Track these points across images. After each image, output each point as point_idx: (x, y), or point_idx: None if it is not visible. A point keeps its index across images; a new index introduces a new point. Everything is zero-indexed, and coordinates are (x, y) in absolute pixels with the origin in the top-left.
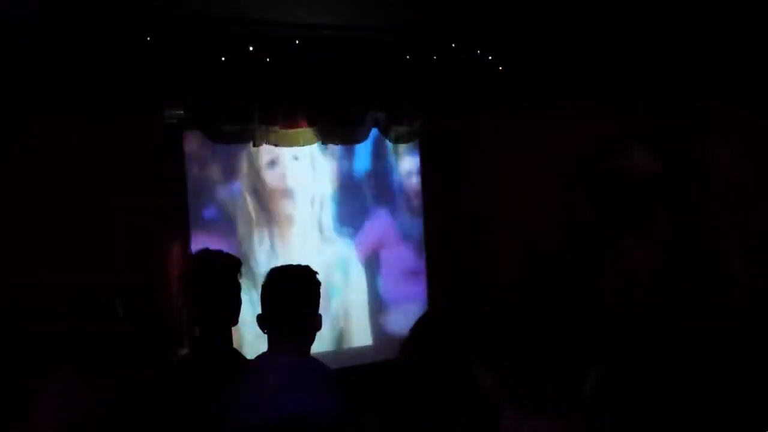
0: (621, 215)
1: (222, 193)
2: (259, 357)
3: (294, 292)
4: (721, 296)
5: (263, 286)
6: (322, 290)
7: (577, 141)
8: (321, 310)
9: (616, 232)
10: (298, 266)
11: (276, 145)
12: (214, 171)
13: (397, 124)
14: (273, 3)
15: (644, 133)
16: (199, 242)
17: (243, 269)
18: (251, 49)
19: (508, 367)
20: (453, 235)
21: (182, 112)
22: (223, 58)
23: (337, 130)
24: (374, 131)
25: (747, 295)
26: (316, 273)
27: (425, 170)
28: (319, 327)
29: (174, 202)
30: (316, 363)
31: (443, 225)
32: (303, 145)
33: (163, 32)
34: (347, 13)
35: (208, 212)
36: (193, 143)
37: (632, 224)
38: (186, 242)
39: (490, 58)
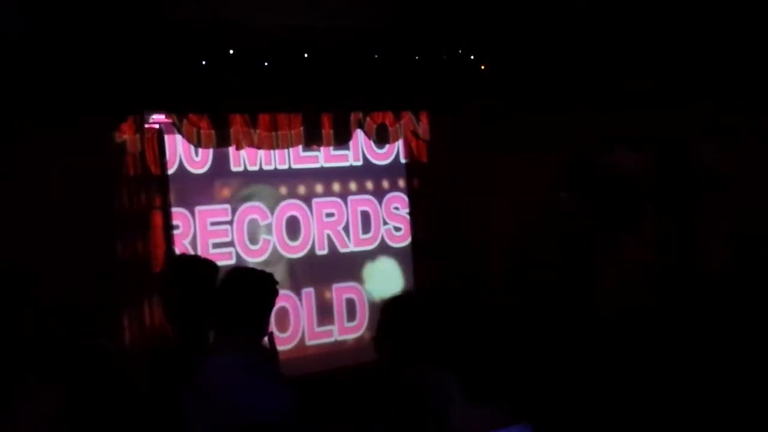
0: (613, 215)
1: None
2: (204, 355)
3: (250, 296)
4: (711, 294)
5: (223, 283)
6: None
7: (567, 140)
8: None
9: (608, 232)
10: (257, 271)
11: (258, 148)
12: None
13: (380, 125)
14: (255, 5)
15: (636, 133)
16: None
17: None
18: (231, 52)
19: (460, 361)
20: (438, 232)
21: (164, 115)
22: (204, 62)
23: (320, 132)
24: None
25: (738, 293)
26: (274, 282)
27: (410, 170)
28: (265, 331)
29: (156, 204)
30: (258, 361)
31: (429, 223)
32: (286, 148)
33: (144, 36)
34: (328, 15)
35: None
36: (175, 146)
37: (624, 224)
38: (169, 243)
39: (472, 57)
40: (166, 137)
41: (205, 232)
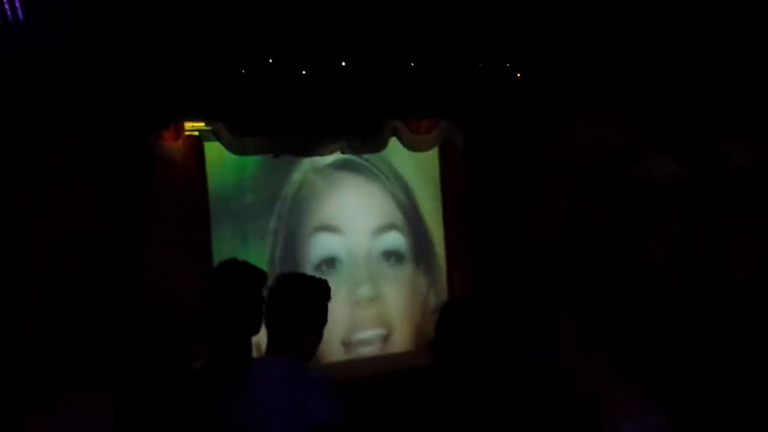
0: (638, 220)
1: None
2: (257, 362)
3: (301, 302)
4: (736, 302)
5: (272, 289)
6: None
7: (593, 147)
8: None
9: (631, 236)
10: (311, 277)
11: (296, 155)
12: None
13: (415, 133)
14: (292, 14)
15: (661, 138)
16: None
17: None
18: (270, 61)
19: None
20: (472, 233)
21: (203, 124)
22: (243, 71)
23: (356, 139)
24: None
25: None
26: (328, 288)
27: (444, 177)
28: (320, 339)
29: (196, 212)
30: (313, 371)
31: (462, 226)
32: (323, 155)
33: (183, 45)
34: (362, 21)
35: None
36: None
37: (648, 229)
38: (208, 251)
39: (507, 65)
40: (206, 144)
41: None
